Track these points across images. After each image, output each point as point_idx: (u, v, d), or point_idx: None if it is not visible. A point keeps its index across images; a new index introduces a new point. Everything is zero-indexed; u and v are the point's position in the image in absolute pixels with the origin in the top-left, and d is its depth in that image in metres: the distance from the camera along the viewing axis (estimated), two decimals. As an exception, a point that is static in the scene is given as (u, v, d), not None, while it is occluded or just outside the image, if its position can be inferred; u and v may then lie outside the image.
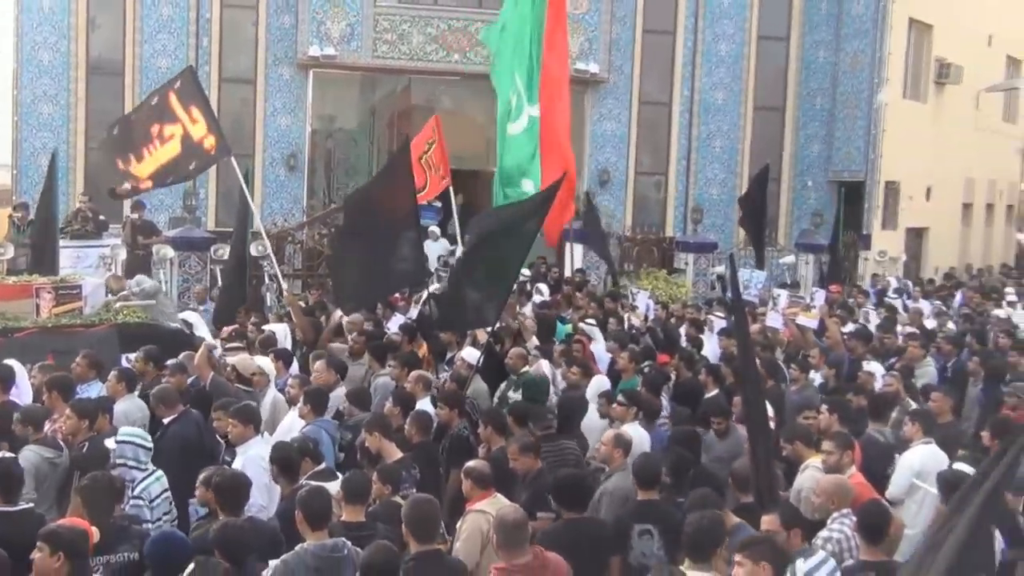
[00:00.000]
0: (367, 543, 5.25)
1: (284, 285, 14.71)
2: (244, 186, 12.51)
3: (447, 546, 6.06)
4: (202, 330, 11.63)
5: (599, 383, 10.24)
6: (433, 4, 23.18)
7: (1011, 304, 18.38)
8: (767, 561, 5.00)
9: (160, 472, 6.94)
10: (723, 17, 25.12)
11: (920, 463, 7.65)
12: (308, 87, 22.95)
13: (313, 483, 6.22)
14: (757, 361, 10.65)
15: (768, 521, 5.50)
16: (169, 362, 9.27)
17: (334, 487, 6.22)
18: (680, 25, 24.90)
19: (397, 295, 13.91)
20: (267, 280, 16.23)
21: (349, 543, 5.40)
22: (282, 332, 11.33)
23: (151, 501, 6.66)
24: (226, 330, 11.01)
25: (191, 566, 4.97)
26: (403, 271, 11.52)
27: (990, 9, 30.46)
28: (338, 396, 8.90)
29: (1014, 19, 32.89)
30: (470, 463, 6.64)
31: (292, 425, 8.13)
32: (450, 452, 7.78)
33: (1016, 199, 37.59)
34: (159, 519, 6.67)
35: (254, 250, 14.63)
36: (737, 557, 5.06)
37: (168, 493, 6.88)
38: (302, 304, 13.36)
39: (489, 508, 6.14)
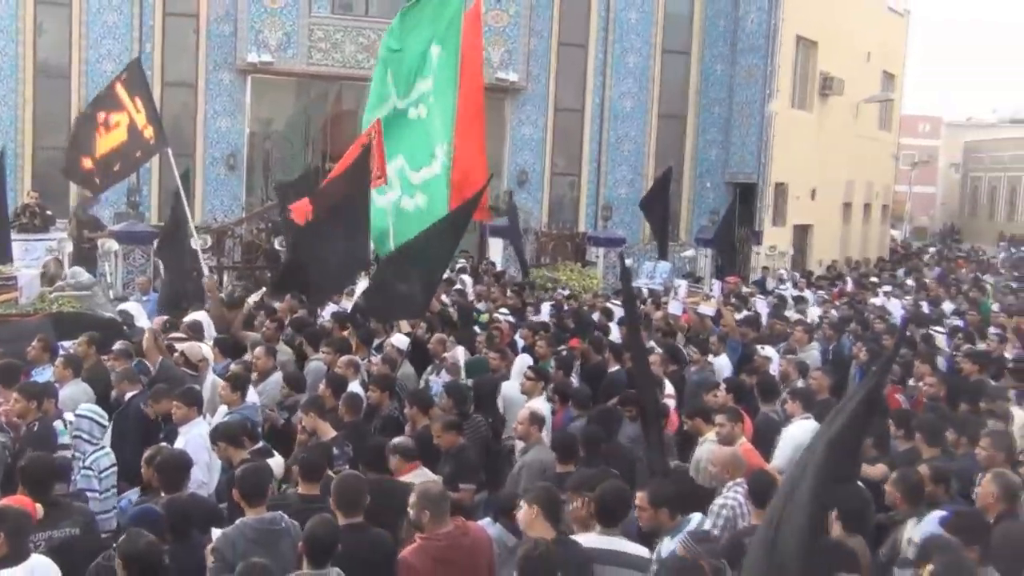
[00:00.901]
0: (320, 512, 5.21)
1: (216, 277, 14.36)
2: (179, 183, 12.16)
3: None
4: (142, 320, 11.36)
5: (522, 363, 10.27)
6: (364, 15, 22.96)
7: (886, 294, 18.78)
8: (538, 505, 5.20)
9: (109, 448, 6.85)
10: (631, 32, 25.27)
11: (801, 436, 7.76)
12: (246, 91, 22.58)
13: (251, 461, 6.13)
14: (654, 346, 10.89)
15: (639, 498, 5.52)
16: (115, 347, 9.05)
17: (274, 464, 6.16)
18: (592, 39, 24.99)
19: None
20: (207, 272, 15.92)
21: (286, 516, 5.33)
22: (205, 320, 11.05)
23: (100, 473, 6.55)
24: (159, 320, 10.71)
25: (122, 537, 4.83)
26: (355, 264, 11.46)
27: (868, 28, 31.14)
28: (275, 380, 8.81)
29: (889, 38, 33.70)
30: (396, 440, 6.63)
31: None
32: (381, 431, 7.72)
33: (890, 199, 38.54)
34: (107, 490, 6.57)
35: (194, 244, 14.32)
36: (522, 501, 5.35)
37: (115, 468, 6.74)
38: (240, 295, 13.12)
39: (415, 479, 6.12)
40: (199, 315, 10.94)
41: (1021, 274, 28.17)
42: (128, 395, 7.85)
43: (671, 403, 8.85)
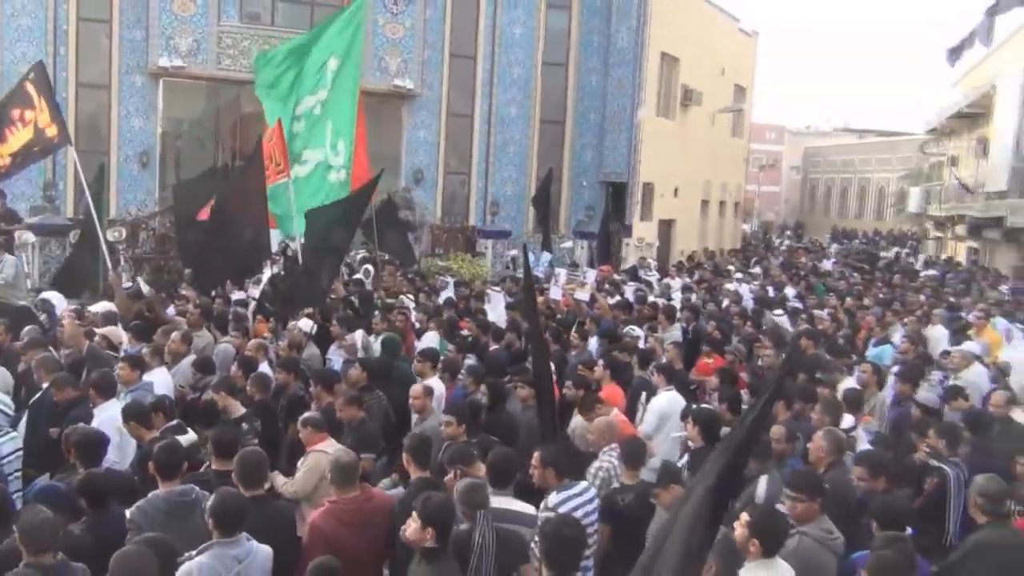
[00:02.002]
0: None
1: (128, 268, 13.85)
2: (83, 179, 11.59)
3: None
4: (62, 308, 10.92)
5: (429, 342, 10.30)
6: (270, 25, 22.44)
7: (738, 280, 19.29)
8: (462, 465, 5.55)
9: (15, 433, 6.56)
10: (515, 46, 25.37)
11: (665, 406, 8.00)
12: (159, 93, 21.83)
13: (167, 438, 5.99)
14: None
15: (535, 457, 5.62)
16: (25, 336, 8.64)
17: (185, 440, 6.02)
18: (480, 51, 25.00)
19: None
20: (122, 263, 15.38)
21: (198, 489, 5.23)
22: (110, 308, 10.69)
23: (2, 458, 6.27)
24: (67, 308, 10.28)
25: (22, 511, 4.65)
26: (255, 256, 11.22)
27: (723, 47, 31.97)
28: (188, 363, 8.61)
29: (741, 56, 34.66)
30: (306, 414, 6.60)
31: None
32: (288, 409, 7.63)
33: (741, 197, 39.68)
34: (10, 474, 6.27)
35: (110, 236, 13.81)
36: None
37: (20, 452, 6.45)
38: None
39: (328, 449, 6.10)
40: (105, 305, 10.58)
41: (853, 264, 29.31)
42: (46, 384, 7.38)
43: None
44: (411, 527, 4.57)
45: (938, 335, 12.47)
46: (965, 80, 32.18)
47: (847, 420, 6.97)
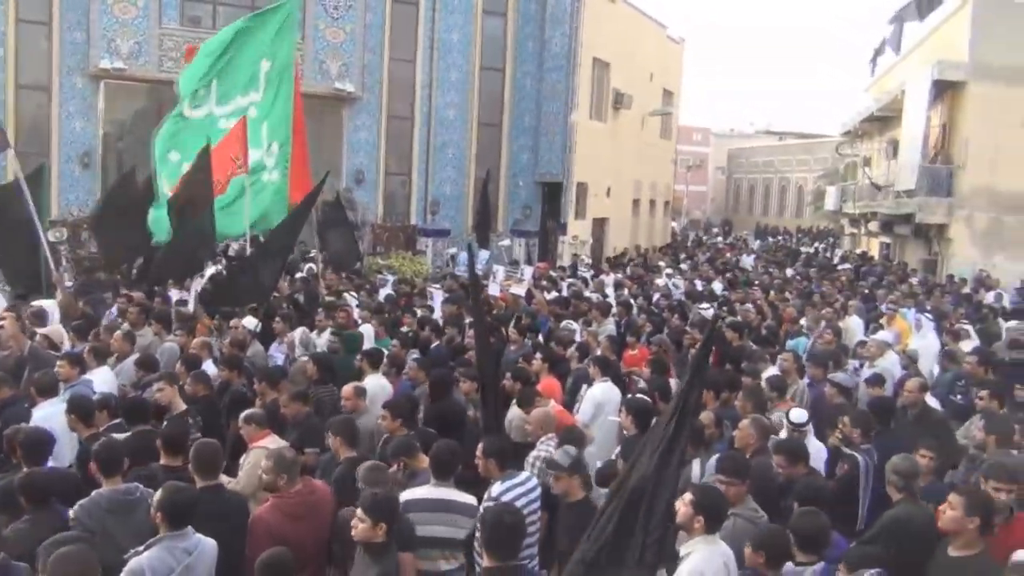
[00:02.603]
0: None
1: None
2: (22, 180, 11.18)
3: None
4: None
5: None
6: (212, 28, 21.96)
7: (668, 276, 19.51)
8: (405, 457, 5.59)
9: None
10: (453, 50, 25.31)
11: (600, 396, 8.05)
12: (99, 95, 21.24)
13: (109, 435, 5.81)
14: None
15: (479, 448, 5.61)
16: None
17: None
18: (419, 55, 24.88)
19: None
20: (64, 263, 14.93)
21: (142, 486, 5.08)
22: (52, 308, 10.37)
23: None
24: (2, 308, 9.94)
25: None
26: (202, 256, 10.98)
27: (651, 53, 32.33)
28: (131, 362, 8.38)
29: (668, 62, 35.09)
30: (248, 411, 6.44)
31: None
32: (231, 406, 7.46)
33: (670, 196, 40.20)
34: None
35: (52, 236, 13.37)
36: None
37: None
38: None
39: (271, 445, 5.98)
40: (46, 303, 10.26)
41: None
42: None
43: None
44: (360, 526, 4.51)
45: (854, 326, 12.77)
46: (876, 85, 33.05)
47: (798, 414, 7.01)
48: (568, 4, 25.43)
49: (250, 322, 10.04)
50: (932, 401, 8.18)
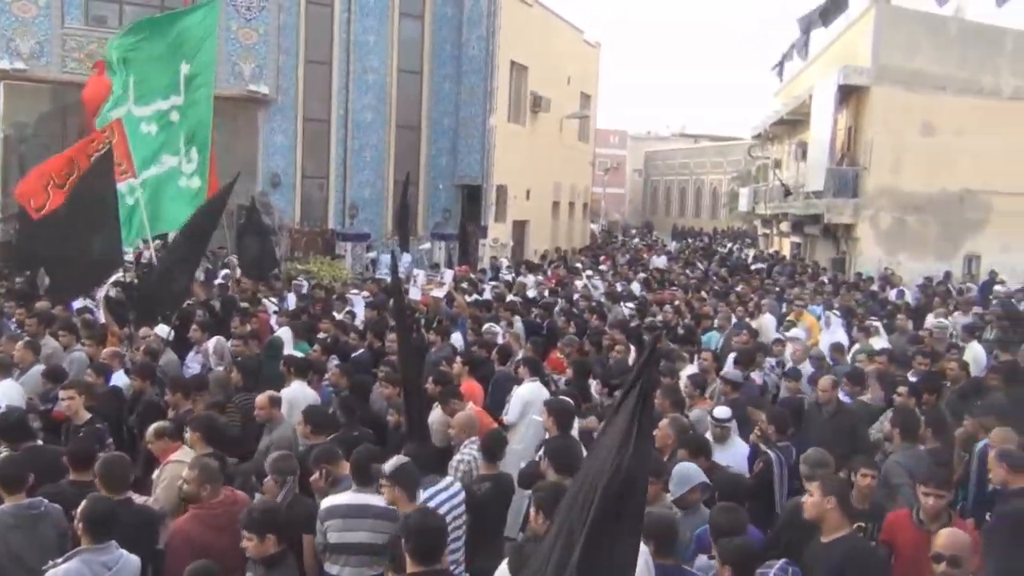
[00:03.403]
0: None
1: None
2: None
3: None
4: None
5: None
6: (118, 27, 21.29)
7: (587, 276, 19.71)
8: (326, 464, 5.55)
9: None
10: (370, 53, 25.11)
11: (528, 395, 8.10)
12: (-1, 97, 20.43)
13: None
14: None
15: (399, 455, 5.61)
16: None
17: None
18: (335, 57, 24.59)
19: None
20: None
21: (46, 501, 4.92)
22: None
23: None
24: None
25: None
26: (108, 264, 10.59)
27: (569, 57, 32.68)
28: (36, 372, 8.08)
29: (585, 65, 35.52)
30: (159, 424, 6.26)
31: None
32: (143, 416, 7.25)
33: (589, 199, 40.67)
34: None
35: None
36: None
37: None
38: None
39: (185, 458, 5.84)
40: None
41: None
42: None
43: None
44: (250, 545, 4.48)
45: (767, 324, 13.14)
46: (785, 90, 34.07)
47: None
48: (485, 8, 25.53)
49: (162, 330, 9.78)
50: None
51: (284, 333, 10.50)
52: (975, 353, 11.00)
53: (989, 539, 5.18)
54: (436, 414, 7.36)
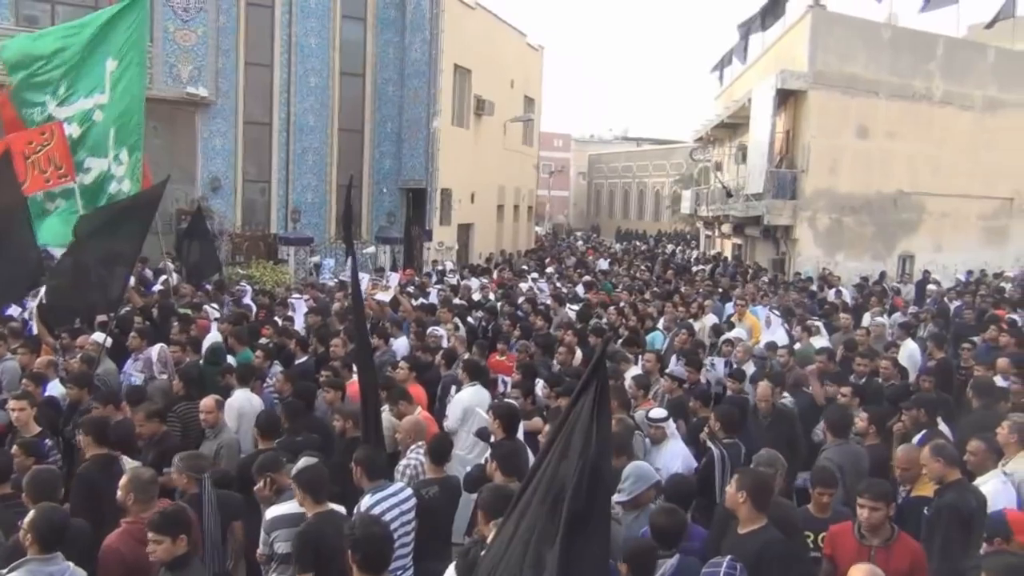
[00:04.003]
0: (20, 511, 4.73)
1: None
2: None
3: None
4: None
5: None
6: (49, 27, 20.76)
7: (532, 279, 19.77)
8: (271, 472, 5.58)
9: None
10: (311, 55, 24.87)
11: (469, 400, 8.10)
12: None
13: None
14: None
15: (355, 458, 5.56)
16: None
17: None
18: (276, 59, 24.31)
19: None
20: None
21: None
22: None
23: None
24: None
25: None
26: (25, 272, 10.19)
27: (512, 60, 32.77)
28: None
29: (529, 68, 35.64)
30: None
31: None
32: (80, 426, 7.05)
33: (534, 202, 40.81)
34: None
35: None
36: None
37: None
38: None
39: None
40: None
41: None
42: None
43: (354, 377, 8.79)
44: (159, 548, 4.41)
45: (710, 323, 13.32)
46: (725, 93, 34.63)
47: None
48: (428, 11, 25.46)
49: (99, 337, 9.54)
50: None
51: (213, 337, 10.33)
52: (910, 350, 11.30)
53: (929, 532, 5.34)
54: (384, 415, 7.32)
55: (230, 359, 9.28)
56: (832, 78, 23.82)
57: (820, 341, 11.55)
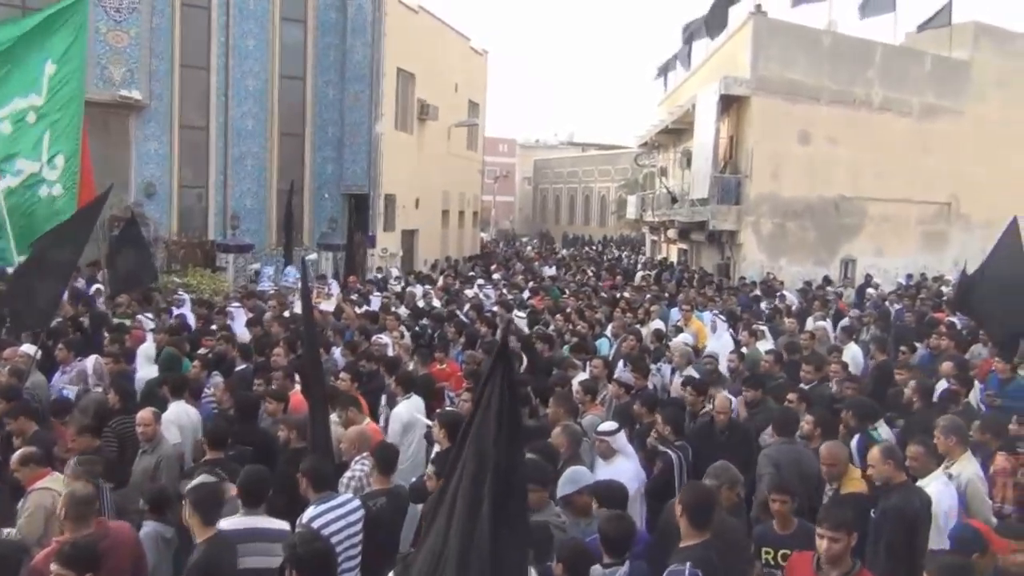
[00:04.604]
0: None
1: None
2: None
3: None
4: None
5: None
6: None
7: (478, 285, 19.74)
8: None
9: None
10: (249, 57, 24.58)
11: (407, 414, 8.06)
12: None
13: None
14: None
15: (301, 469, 5.50)
16: None
17: None
18: (213, 62, 23.97)
19: None
20: None
21: None
22: None
23: None
24: None
25: None
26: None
27: (456, 64, 32.81)
28: None
29: (473, 73, 35.71)
30: (25, 450, 5.94)
31: None
32: (6, 441, 6.85)
33: (479, 207, 40.84)
34: None
35: None
36: None
37: None
38: None
39: (52, 485, 5.56)
40: None
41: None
42: None
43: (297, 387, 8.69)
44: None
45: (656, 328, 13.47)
46: (670, 99, 35.10)
47: None
48: (370, 13, 25.35)
49: (29, 348, 9.28)
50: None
51: (147, 349, 10.14)
52: (853, 353, 11.57)
53: (876, 534, 5.47)
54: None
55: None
56: (774, 84, 24.29)
57: (765, 345, 11.76)
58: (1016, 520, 6.14)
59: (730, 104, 25.07)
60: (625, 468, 6.40)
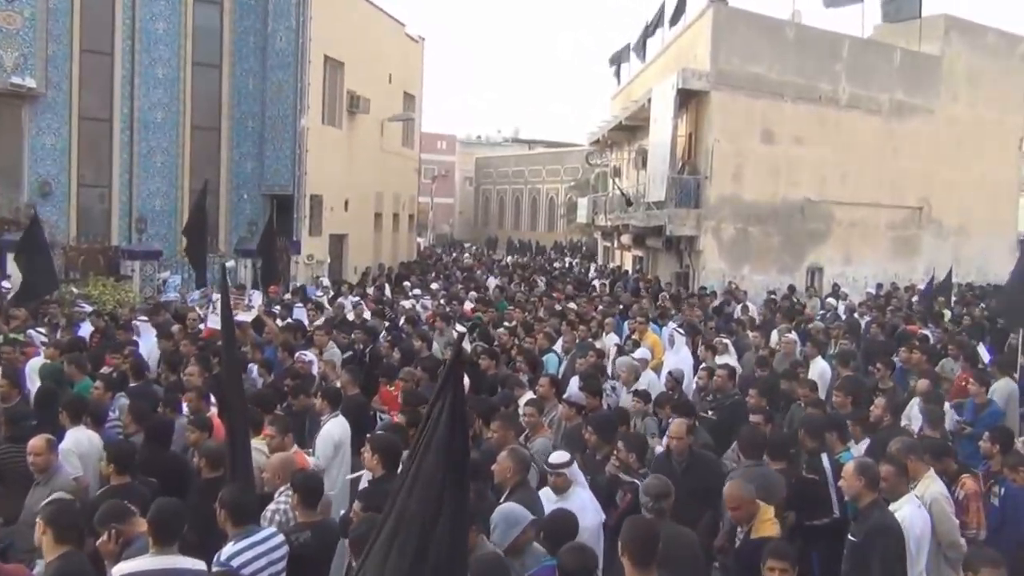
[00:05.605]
0: None
1: None
2: None
3: None
4: None
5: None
6: None
7: (415, 296, 19.69)
8: (116, 524, 5.25)
9: None
10: (159, 43, 24.26)
11: (336, 433, 8.01)
12: None
13: None
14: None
15: (219, 500, 5.42)
16: None
17: None
18: (117, 47, 23.61)
19: None
20: None
21: None
22: None
23: None
24: None
25: None
26: None
27: (390, 52, 32.71)
28: None
29: (408, 62, 35.65)
30: None
31: None
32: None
33: (415, 209, 40.72)
34: None
35: None
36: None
37: None
38: None
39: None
40: None
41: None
42: None
43: (215, 410, 8.57)
44: None
45: (611, 344, 13.59)
46: (623, 93, 35.42)
47: None
48: (294, -6, 25.19)
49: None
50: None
51: (36, 366, 9.95)
52: (821, 369, 11.81)
53: (861, 558, 5.59)
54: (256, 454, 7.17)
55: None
56: (735, 78, 24.63)
57: (726, 359, 11.92)
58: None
59: (688, 99, 25.34)
60: (584, 501, 6.32)
